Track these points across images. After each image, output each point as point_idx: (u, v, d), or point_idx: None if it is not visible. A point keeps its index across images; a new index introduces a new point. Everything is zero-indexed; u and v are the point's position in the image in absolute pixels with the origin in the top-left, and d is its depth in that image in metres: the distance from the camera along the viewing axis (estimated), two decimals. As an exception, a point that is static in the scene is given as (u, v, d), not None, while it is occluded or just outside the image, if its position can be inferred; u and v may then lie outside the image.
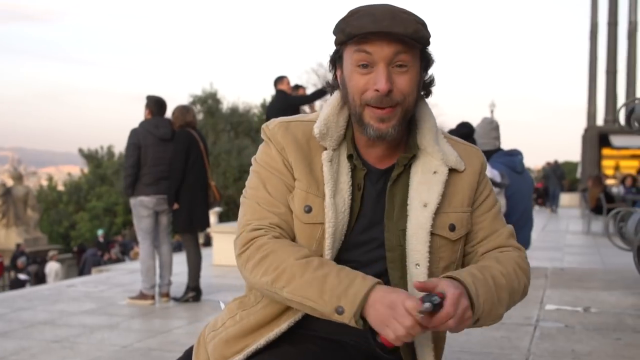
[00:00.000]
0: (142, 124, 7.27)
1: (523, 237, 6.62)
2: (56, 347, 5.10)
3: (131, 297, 7.09)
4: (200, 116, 40.80)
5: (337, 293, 1.66)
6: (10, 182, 30.03)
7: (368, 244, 1.90)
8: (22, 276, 20.31)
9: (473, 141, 6.13)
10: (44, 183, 48.72)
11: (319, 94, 10.38)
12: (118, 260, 22.44)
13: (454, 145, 2.00)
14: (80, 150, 45.04)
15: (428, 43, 1.90)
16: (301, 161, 1.91)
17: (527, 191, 6.75)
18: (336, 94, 1.97)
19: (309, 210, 1.86)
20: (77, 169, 51.95)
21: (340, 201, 1.88)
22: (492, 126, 6.91)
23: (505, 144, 7.09)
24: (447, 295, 1.62)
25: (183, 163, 7.08)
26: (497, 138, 6.92)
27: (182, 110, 7.47)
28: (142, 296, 6.95)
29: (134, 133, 7.21)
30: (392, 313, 1.60)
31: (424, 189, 1.90)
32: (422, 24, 1.84)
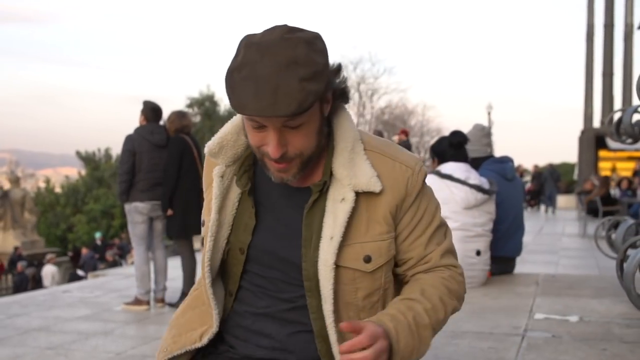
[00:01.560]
0: (137, 130, 7.31)
1: (514, 243, 6.67)
2: (50, 354, 5.12)
3: (126, 303, 7.12)
4: (197, 119, 40.81)
5: None
6: (7, 185, 30.04)
7: (287, 267, 1.92)
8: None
9: (464, 150, 6.15)
10: (42, 185, 48.67)
11: None
12: (115, 263, 22.46)
13: (380, 162, 1.89)
14: (78, 153, 45.05)
15: (323, 92, 1.76)
16: (207, 182, 2.08)
17: (517, 198, 6.80)
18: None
19: (203, 224, 2.02)
20: (74, 171, 51.98)
21: (223, 217, 1.96)
22: (483, 133, 6.95)
23: (503, 146, 7.19)
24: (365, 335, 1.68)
25: (177, 169, 7.11)
26: (489, 145, 6.96)
27: (177, 114, 7.51)
28: (137, 302, 6.98)
29: (128, 139, 7.24)
30: None
31: (331, 219, 1.84)
32: (309, 81, 1.68)
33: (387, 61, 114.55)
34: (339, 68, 1.87)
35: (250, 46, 1.70)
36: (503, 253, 6.52)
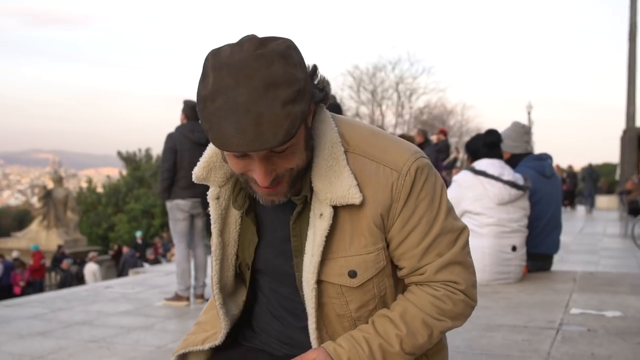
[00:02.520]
0: (178, 129, 7.42)
1: (552, 241, 6.65)
2: (93, 347, 5.24)
3: (167, 299, 7.24)
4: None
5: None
6: (50, 185, 30.55)
7: (290, 280, 1.87)
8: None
9: (498, 150, 6.16)
10: (84, 185, 49.37)
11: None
12: (156, 261, 22.74)
13: (363, 166, 1.75)
14: (119, 153, 45.58)
15: (308, 110, 1.61)
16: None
17: (555, 195, 6.78)
18: None
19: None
20: (115, 171, 52.63)
21: (227, 237, 1.93)
22: (524, 130, 6.98)
23: (543, 146, 7.21)
24: None
25: None
26: (529, 142, 6.99)
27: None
28: (177, 298, 7.09)
29: (170, 137, 7.36)
30: None
31: (311, 235, 1.75)
32: (293, 102, 1.53)
33: (425, 61, 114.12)
34: (314, 70, 1.74)
35: (220, 68, 1.53)
36: (540, 250, 6.52)
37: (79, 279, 21.23)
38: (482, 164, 5.96)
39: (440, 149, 15.62)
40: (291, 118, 1.51)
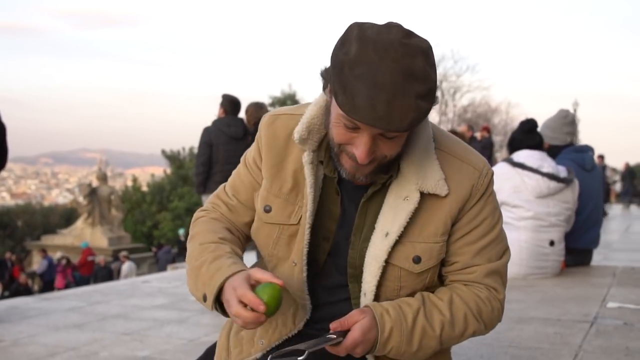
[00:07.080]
0: (214, 123, 7.47)
1: (592, 235, 6.51)
2: (126, 339, 5.28)
3: (202, 293, 7.27)
4: (279, 117, 41.32)
5: (204, 281, 1.79)
6: (95, 183, 31.03)
7: (342, 253, 1.89)
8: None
9: (537, 135, 6.00)
10: (130, 184, 50.10)
11: None
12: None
13: (448, 163, 1.84)
14: (163, 152, 46.08)
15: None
16: (272, 161, 1.93)
17: (596, 189, 6.61)
18: (324, 94, 1.84)
19: (268, 210, 1.91)
20: (160, 170, 53.25)
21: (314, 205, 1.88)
22: (565, 120, 6.71)
23: (589, 143, 7.01)
24: (346, 338, 1.67)
25: None
26: (570, 133, 6.73)
27: (255, 107, 7.65)
28: (212, 292, 7.12)
29: (206, 132, 7.41)
30: (232, 293, 1.67)
31: (391, 215, 1.80)
32: (423, 99, 1.60)
33: (469, 59, 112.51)
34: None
35: (366, 42, 1.58)
36: (580, 245, 6.38)
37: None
38: (522, 155, 5.83)
39: (485, 146, 15.67)
40: (419, 112, 1.59)
